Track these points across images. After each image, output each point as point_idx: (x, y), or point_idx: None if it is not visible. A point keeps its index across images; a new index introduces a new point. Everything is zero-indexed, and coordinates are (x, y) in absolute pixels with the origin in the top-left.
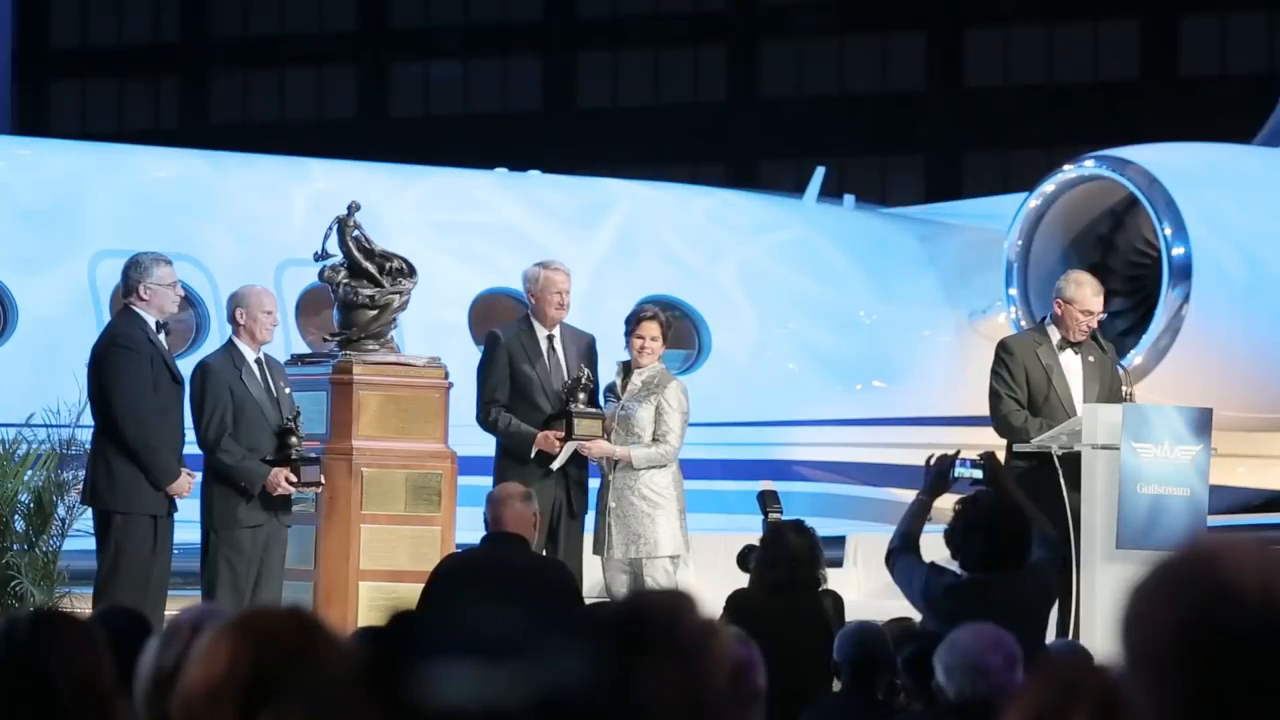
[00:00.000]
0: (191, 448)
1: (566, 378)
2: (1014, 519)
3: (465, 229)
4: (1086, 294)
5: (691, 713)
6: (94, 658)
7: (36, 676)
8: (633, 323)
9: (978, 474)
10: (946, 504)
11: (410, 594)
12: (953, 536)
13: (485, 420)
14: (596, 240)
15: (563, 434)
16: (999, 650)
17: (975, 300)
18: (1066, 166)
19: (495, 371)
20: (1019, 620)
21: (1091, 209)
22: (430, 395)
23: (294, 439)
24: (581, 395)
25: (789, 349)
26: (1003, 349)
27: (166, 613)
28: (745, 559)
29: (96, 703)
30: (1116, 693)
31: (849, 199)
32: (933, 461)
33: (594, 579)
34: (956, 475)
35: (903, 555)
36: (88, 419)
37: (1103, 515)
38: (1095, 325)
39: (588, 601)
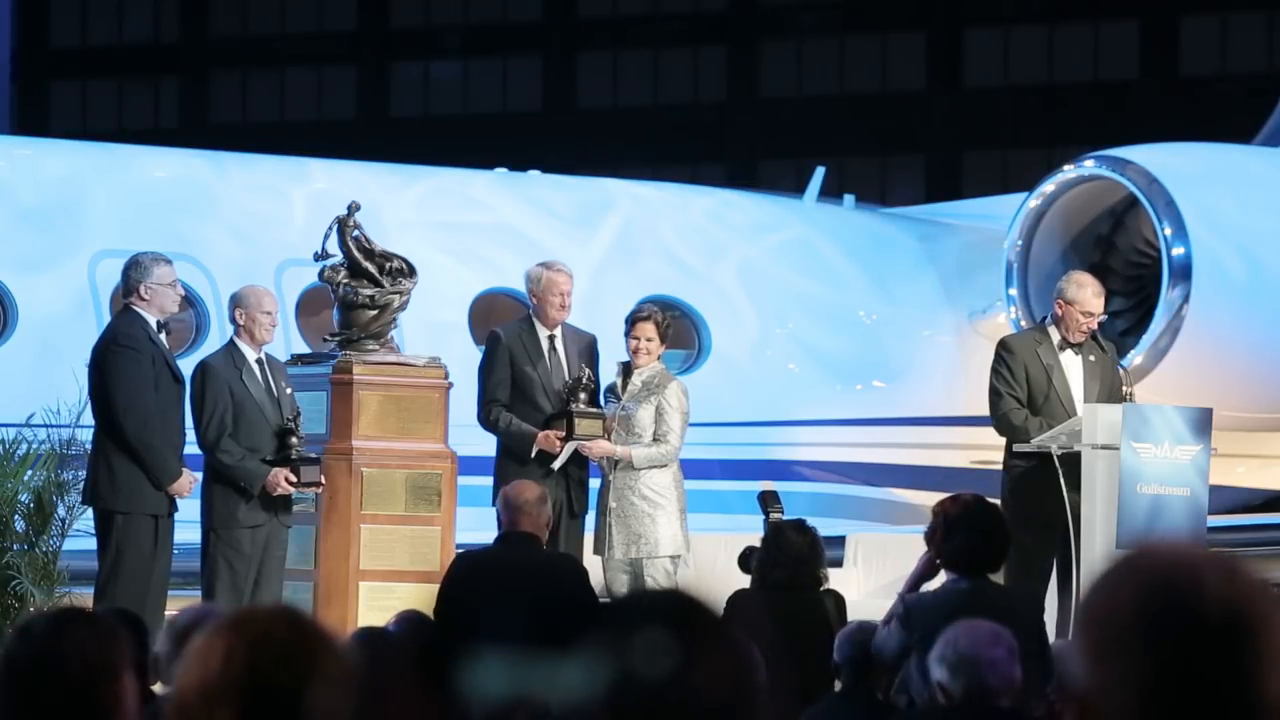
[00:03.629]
0: (191, 448)
1: (567, 378)
2: (994, 517)
3: (465, 229)
4: (1087, 295)
5: (741, 699)
6: (113, 654)
7: (54, 671)
8: (630, 323)
9: None
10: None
11: (411, 594)
12: (933, 535)
13: (486, 420)
14: (596, 240)
15: (563, 434)
16: (999, 643)
17: (975, 300)
18: (1066, 166)
19: (496, 371)
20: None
21: (1091, 209)
22: (430, 395)
23: (294, 439)
24: (582, 395)
25: (789, 349)
26: (1003, 348)
27: (167, 613)
28: (746, 561)
29: (113, 699)
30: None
31: (849, 199)
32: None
33: (594, 579)
34: None
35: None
36: (88, 419)
37: (1103, 515)
38: (1095, 327)
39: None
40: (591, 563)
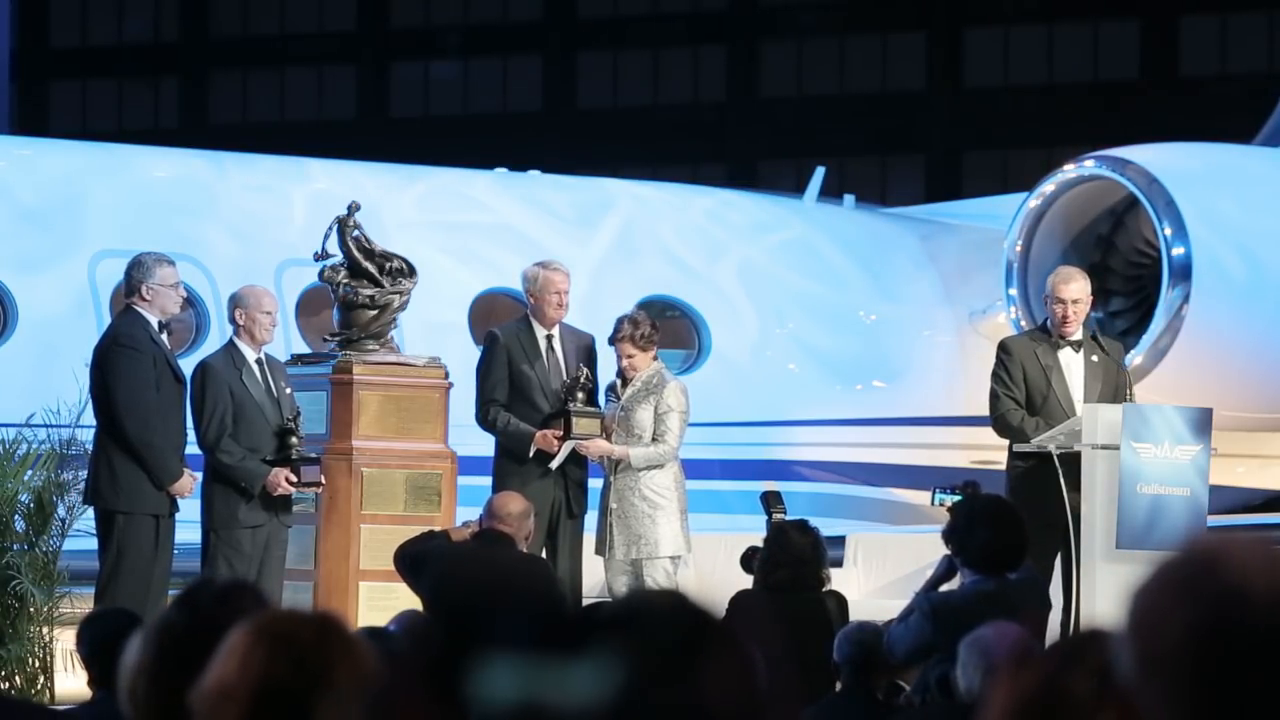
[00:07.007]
0: (192, 448)
1: (565, 377)
2: (1013, 515)
3: (465, 229)
4: (1056, 283)
5: (747, 708)
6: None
7: (214, 641)
8: (610, 343)
9: (959, 499)
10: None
11: (411, 594)
12: (953, 533)
13: (484, 420)
14: (596, 240)
15: (561, 433)
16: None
17: (975, 300)
18: (1066, 166)
19: (494, 371)
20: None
21: (1091, 209)
22: (430, 395)
23: (294, 439)
24: (580, 394)
25: (789, 349)
26: (1002, 349)
27: None
28: (748, 562)
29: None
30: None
31: (849, 199)
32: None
33: (596, 579)
34: (937, 502)
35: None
36: (88, 419)
37: (1103, 515)
38: (1075, 315)
39: (588, 601)
40: (593, 563)
